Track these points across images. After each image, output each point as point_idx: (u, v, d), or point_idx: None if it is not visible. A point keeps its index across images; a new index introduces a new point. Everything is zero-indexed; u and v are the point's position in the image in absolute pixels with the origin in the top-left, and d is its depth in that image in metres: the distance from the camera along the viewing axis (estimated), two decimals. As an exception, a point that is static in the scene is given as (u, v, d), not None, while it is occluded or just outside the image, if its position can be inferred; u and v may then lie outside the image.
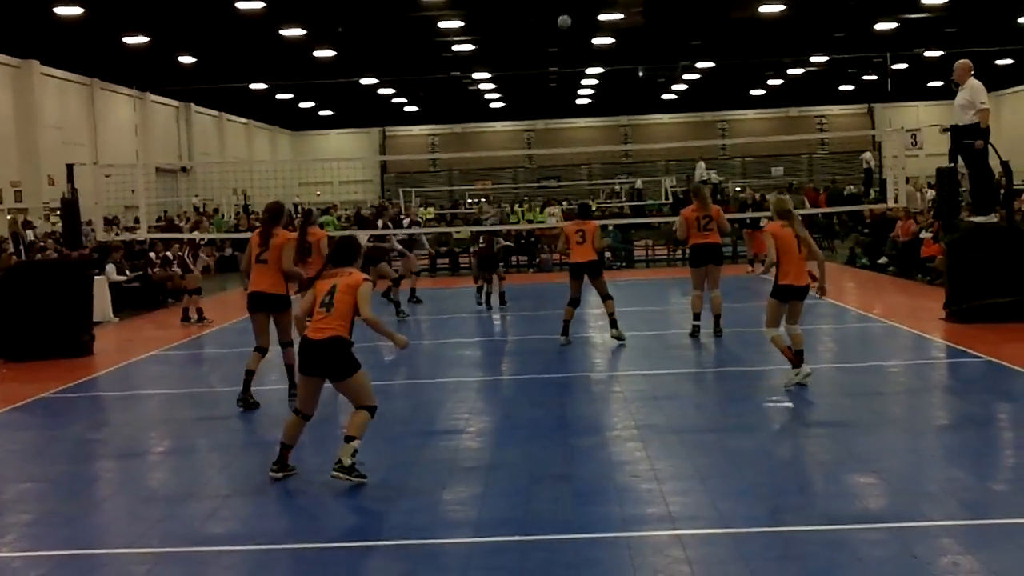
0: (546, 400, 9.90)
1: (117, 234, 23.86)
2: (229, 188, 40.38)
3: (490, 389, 10.71)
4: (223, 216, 37.70)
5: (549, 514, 6.44)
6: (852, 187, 39.29)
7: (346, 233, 11.98)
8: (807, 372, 9.75)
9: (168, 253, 21.64)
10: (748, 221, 23.24)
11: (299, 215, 11.82)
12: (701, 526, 6.17)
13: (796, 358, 9.77)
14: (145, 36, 28.91)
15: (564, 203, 33.47)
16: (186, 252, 18.81)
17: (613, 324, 12.90)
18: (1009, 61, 42.35)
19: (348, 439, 7.15)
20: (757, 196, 31.31)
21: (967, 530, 5.98)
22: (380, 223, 18.41)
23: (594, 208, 24.03)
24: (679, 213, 14.30)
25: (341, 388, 7.35)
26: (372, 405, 7.30)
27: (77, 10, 24.62)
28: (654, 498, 6.67)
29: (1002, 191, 14.59)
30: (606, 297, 12.89)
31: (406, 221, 18.64)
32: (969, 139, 13.57)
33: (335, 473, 7.06)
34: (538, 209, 31.23)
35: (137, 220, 24.62)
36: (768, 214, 11.70)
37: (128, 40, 29.16)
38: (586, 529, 6.14)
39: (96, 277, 16.13)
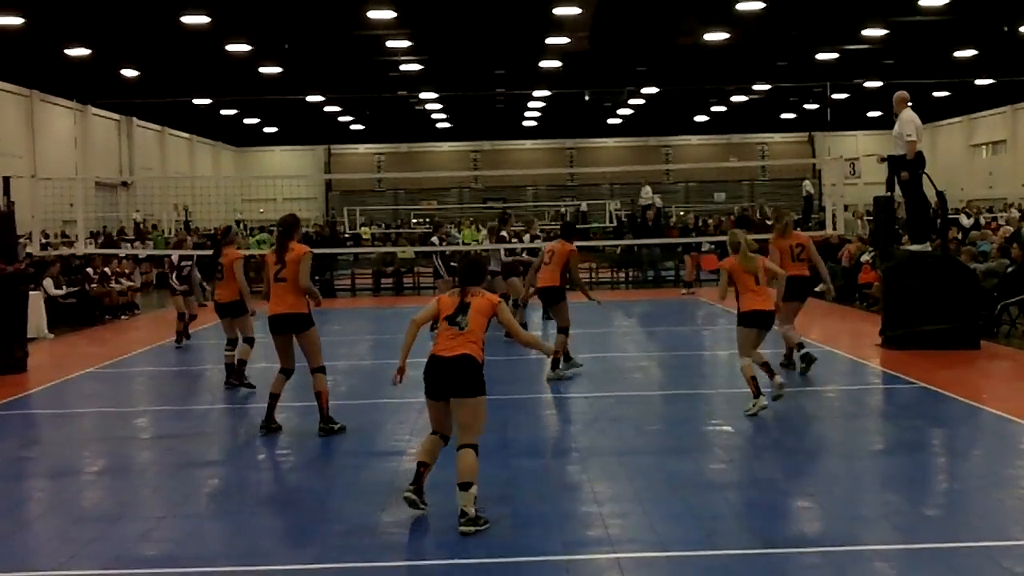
0: (488, 421, 9.86)
1: (56, 247, 23.45)
2: (170, 204, 39.90)
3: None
4: (163, 232, 37.24)
5: (489, 537, 6.41)
6: (794, 214, 39.85)
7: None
8: (763, 405, 9.68)
9: (107, 269, 21.34)
10: (693, 245, 23.55)
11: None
12: (639, 549, 6.19)
13: (754, 387, 9.68)
14: (87, 48, 28.53)
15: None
16: (172, 275, 16.39)
17: (554, 364, 11.67)
18: (945, 93, 43.37)
19: (466, 486, 6.49)
20: (701, 222, 31.69)
21: (900, 554, 6.07)
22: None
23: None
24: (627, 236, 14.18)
25: (456, 407, 6.79)
26: (475, 443, 6.68)
27: (17, 20, 24.23)
28: (593, 521, 6.69)
29: (938, 220, 14.90)
30: (559, 330, 11.83)
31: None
32: (906, 169, 13.86)
33: (464, 528, 6.39)
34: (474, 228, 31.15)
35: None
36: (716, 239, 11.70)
37: (70, 52, 28.75)
38: (525, 552, 6.13)
39: (31, 292, 15.83)
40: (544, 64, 33.53)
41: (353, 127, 52.48)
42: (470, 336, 6.80)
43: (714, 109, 49.36)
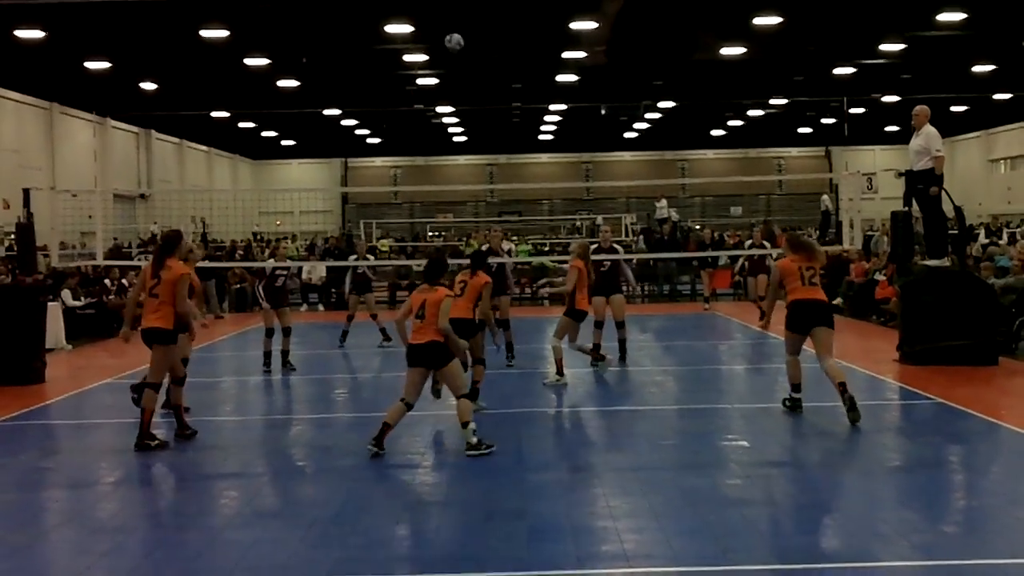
0: (503, 435, 9.86)
1: (73, 259, 23.57)
2: (188, 216, 40.09)
3: (446, 423, 10.65)
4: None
5: (503, 551, 6.41)
6: (811, 229, 39.83)
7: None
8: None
9: (124, 280, 21.44)
10: (709, 260, 23.49)
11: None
12: (655, 564, 6.17)
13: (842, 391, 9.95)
14: (107, 61, 28.75)
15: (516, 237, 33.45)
16: (258, 285, 14.92)
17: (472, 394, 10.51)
18: (963, 108, 43.24)
19: (464, 424, 8.83)
20: (716, 235, 31.63)
21: (917, 571, 6.04)
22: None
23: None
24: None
25: (440, 376, 9.19)
26: (465, 393, 9.00)
27: (38, 33, 24.45)
28: (609, 536, 6.67)
29: (957, 235, 14.85)
30: (477, 361, 11.24)
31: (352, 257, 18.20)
32: (924, 184, 13.80)
33: (469, 452, 8.72)
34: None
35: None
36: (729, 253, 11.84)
37: (89, 65, 28.98)
38: (540, 566, 6.12)
39: (50, 303, 15.92)
40: (561, 78, 33.60)
41: (370, 140, 52.67)
42: (430, 324, 8.73)
43: (731, 123, 49.33)
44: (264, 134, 49.14)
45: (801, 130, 52.26)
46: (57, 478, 8.91)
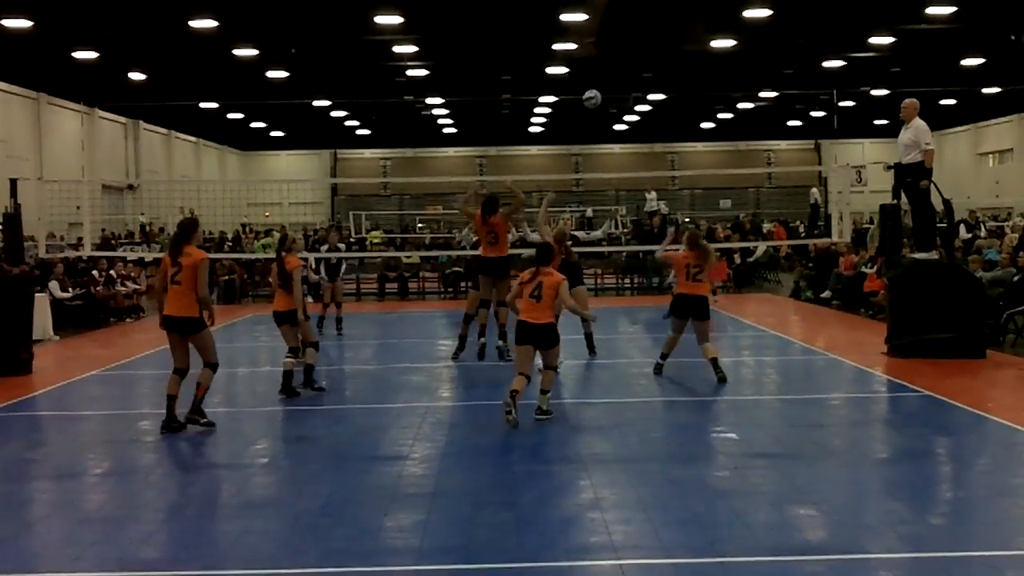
0: (491, 427, 9.88)
1: (61, 249, 23.47)
2: (176, 207, 39.97)
3: (435, 415, 10.66)
4: (169, 235, 37.27)
5: (492, 542, 6.41)
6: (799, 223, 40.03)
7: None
8: None
9: (112, 271, 21.38)
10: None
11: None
12: (642, 556, 6.18)
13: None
14: (95, 51, 28.60)
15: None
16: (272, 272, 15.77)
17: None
18: (952, 102, 43.34)
19: (544, 392, 9.91)
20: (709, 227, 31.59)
21: (905, 563, 6.06)
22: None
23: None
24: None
25: (544, 354, 9.97)
26: (555, 367, 10.12)
27: (26, 23, 24.30)
28: (597, 527, 6.68)
29: (946, 228, 14.89)
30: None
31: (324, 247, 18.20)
32: (913, 177, 13.84)
33: (538, 416, 9.82)
34: None
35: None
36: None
37: (77, 55, 28.83)
38: (528, 558, 6.12)
39: (37, 294, 15.86)
40: (551, 70, 33.56)
41: (359, 132, 52.54)
42: (546, 304, 9.72)
43: (720, 116, 49.34)
44: (253, 125, 48.96)
45: (791, 123, 52.31)
46: (44, 469, 8.88)
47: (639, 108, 45.39)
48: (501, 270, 12.99)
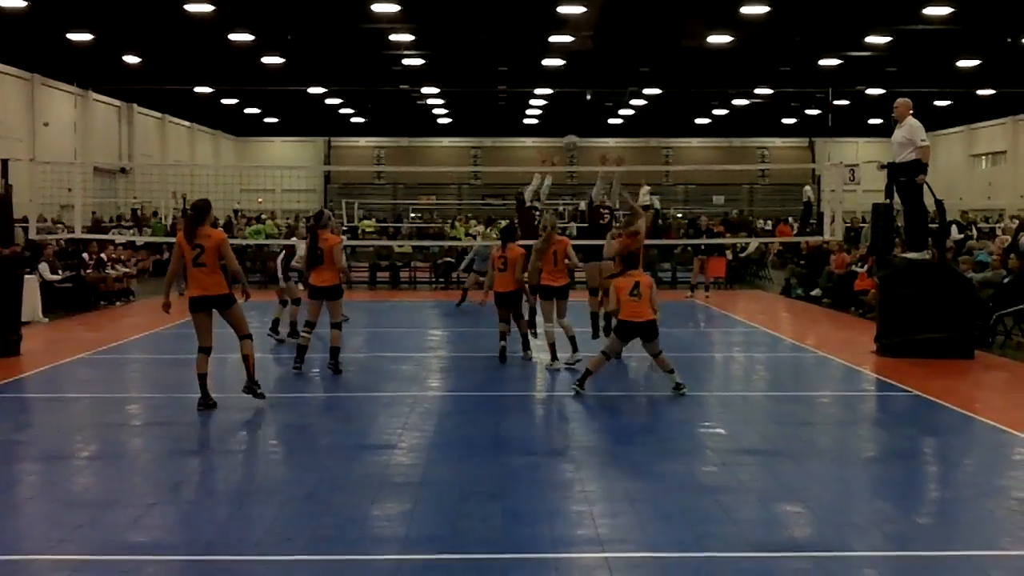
0: (480, 418, 9.89)
1: (54, 231, 23.39)
2: (169, 191, 39.85)
3: (424, 405, 10.66)
4: (161, 219, 37.18)
5: (478, 533, 6.41)
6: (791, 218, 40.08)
7: None
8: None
9: (103, 255, 21.31)
10: (703, 247, 23.47)
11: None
12: (629, 549, 6.19)
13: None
14: (90, 33, 28.46)
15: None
16: (278, 260, 15.94)
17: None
18: (947, 102, 43.40)
19: (671, 371, 10.84)
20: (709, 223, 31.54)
21: (890, 561, 6.08)
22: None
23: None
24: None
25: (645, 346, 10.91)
26: (659, 351, 10.86)
27: (20, 3, 24.17)
28: (583, 520, 6.68)
29: (938, 227, 14.91)
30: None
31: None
32: (906, 176, 13.86)
33: (679, 391, 10.73)
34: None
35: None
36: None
37: (72, 36, 28.69)
38: (514, 549, 6.12)
39: (27, 276, 15.80)
40: (547, 62, 33.51)
41: (354, 120, 52.42)
42: (645, 301, 10.59)
43: (715, 112, 49.33)
44: (247, 111, 48.81)
45: (785, 120, 52.32)
46: (31, 451, 8.85)
47: (634, 102, 45.37)
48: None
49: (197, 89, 40.18)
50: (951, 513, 7.12)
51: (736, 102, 45.56)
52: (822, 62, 33.72)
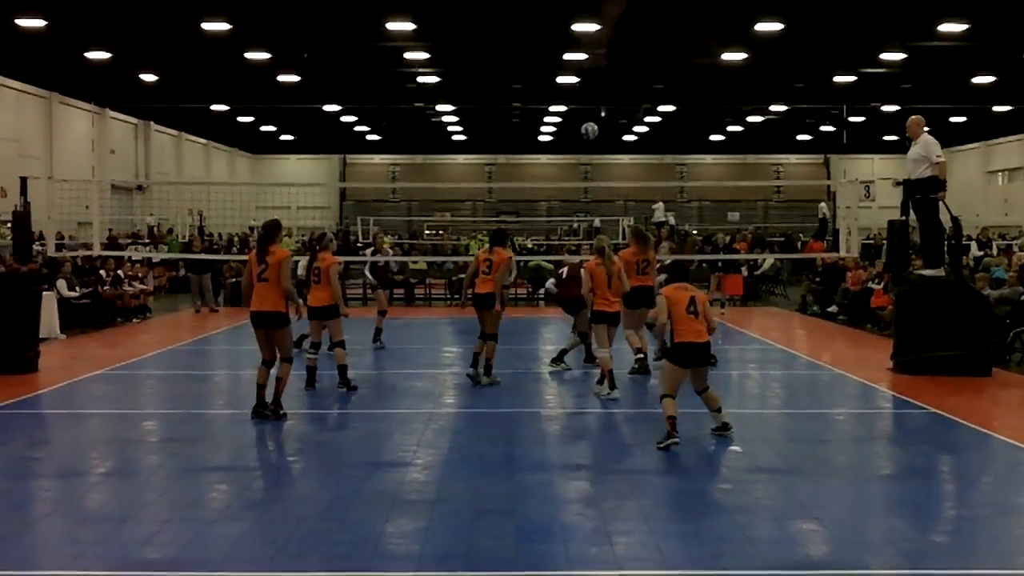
0: (494, 435, 9.88)
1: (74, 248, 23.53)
2: (185, 208, 40.08)
3: (439, 421, 10.66)
4: (177, 236, 37.38)
5: (492, 550, 6.40)
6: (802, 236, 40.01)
7: None
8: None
9: (120, 271, 21.42)
10: (720, 264, 23.44)
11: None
12: (644, 567, 6.17)
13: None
14: (107, 52, 28.69)
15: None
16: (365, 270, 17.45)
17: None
18: (962, 119, 43.27)
19: (719, 409, 9.65)
20: (727, 239, 31.53)
21: (905, 580, 6.04)
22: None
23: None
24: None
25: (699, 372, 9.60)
26: (708, 387, 9.62)
27: (39, 22, 24.40)
28: (598, 537, 6.67)
29: (953, 245, 14.86)
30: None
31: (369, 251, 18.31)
32: (922, 193, 13.81)
33: (723, 433, 9.58)
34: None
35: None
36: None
37: (90, 55, 28.93)
38: (529, 566, 6.11)
39: (45, 293, 15.89)
40: (561, 79, 33.58)
41: (369, 137, 52.60)
42: (703, 320, 9.39)
43: (730, 129, 49.30)
44: (263, 128, 49.04)
45: (800, 137, 52.24)
46: (47, 467, 8.89)
47: (649, 119, 45.42)
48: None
49: (213, 107, 40.43)
50: (967, 531, 7.08)
51: (751, 119, 45.54)
52: (837, 79, 33.71)
